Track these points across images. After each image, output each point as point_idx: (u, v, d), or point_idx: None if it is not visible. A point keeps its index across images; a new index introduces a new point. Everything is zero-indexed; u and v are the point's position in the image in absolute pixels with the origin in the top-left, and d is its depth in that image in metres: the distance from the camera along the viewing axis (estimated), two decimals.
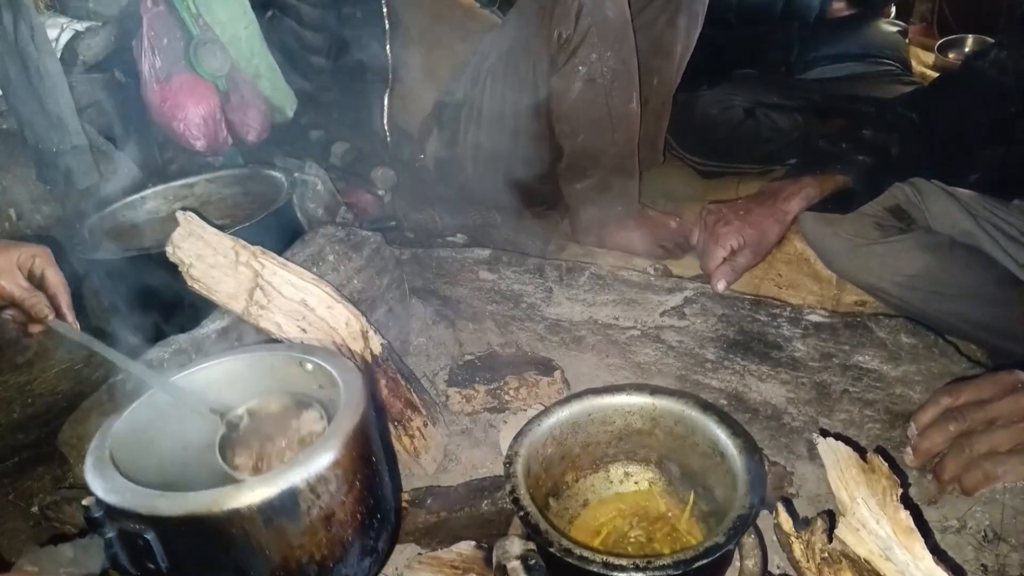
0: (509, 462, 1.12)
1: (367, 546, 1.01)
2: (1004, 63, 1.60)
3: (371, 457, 1.01)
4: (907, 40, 3.27)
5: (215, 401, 1.08)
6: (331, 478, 0.92)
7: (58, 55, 2.05)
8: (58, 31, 2.11)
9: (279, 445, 1.08)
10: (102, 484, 0.87)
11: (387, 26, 2.56)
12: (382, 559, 1.07)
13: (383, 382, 1.36)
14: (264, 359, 1.15)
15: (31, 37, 1.83)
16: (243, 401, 1.11)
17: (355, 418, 0.97)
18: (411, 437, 1.36)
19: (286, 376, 1.13)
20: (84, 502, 0.84)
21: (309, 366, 1.10)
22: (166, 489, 0.87)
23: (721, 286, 1.48)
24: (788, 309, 1.67)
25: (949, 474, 0.97)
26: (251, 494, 0.85)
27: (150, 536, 0.84)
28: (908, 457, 1.02)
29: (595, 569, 0.95)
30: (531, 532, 1.02)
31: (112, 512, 0.85)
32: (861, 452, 0.97)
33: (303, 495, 0.89)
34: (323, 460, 0.91)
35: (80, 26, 2.15)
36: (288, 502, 0.87)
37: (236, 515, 0.84)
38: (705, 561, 0.95)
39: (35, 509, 1.37)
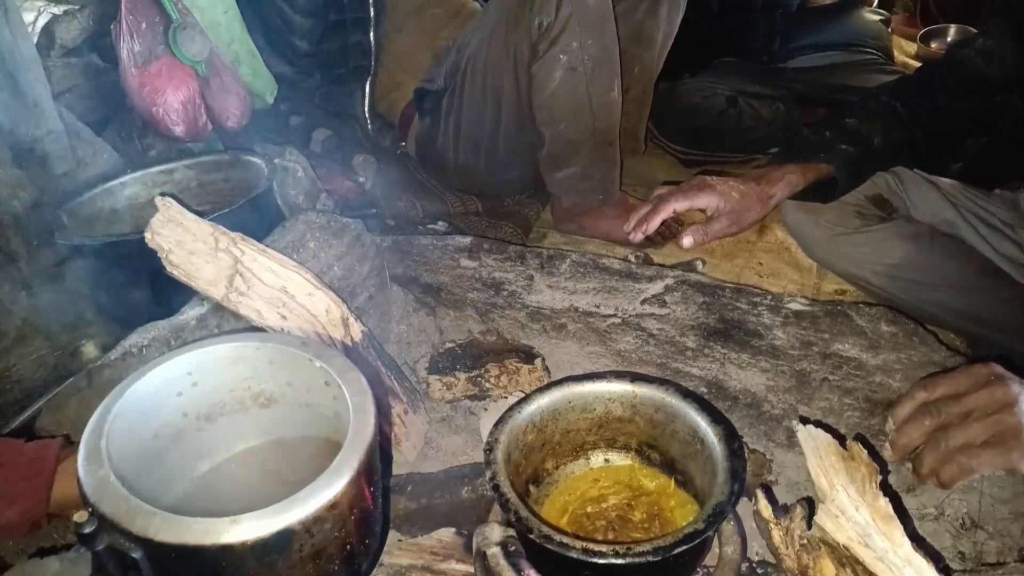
0: (489, 449, 1.11)
1: (352, 572, 0.99)
2: (989, 51, 1.60)
3: (370, 490, 0.97)
4: (890, 29, 3.28)
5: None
6: (327, 518, 0.88)
7: (35, 39, 2.02)
8: (35, 14, 2.09)
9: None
10: (96, 491, 0.84)
11: (371, 12, 2.55)
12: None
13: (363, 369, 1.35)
14: (278, 350, 1.11)
15: (6, 20, 1.80)
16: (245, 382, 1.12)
17: (360, 456, 0.92)
18: (391, 424, 1.36)
19: (294, 369, 1.11)
20: (76, 518, 0.82)
21: (324, 381, 1.07)
22: (144, 481, 0.86)
23: (687, 242, 1.46)
24: (769, 297, 1.67)
25: (926, 468, 0.97)
26: (246, 530, 0.82)
27: (139, 555, 0.82)
28: (886, 452, 1.02)
29: (575, 555, 0.95)
30: (511, 519, 1.02)
31: (104, 523, 0.82)
32: (841, 440, 0.97)
33: (297, 535, 0.86)
34: (321, 501, 0.87)
35: (57, 9, 2.13)
36: (282, 541, 0.85)
37: (228, 550, 0.82)
38: (684, 547, 0.95)
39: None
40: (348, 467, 0.90)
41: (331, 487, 0.88)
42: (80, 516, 0.81)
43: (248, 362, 1.12)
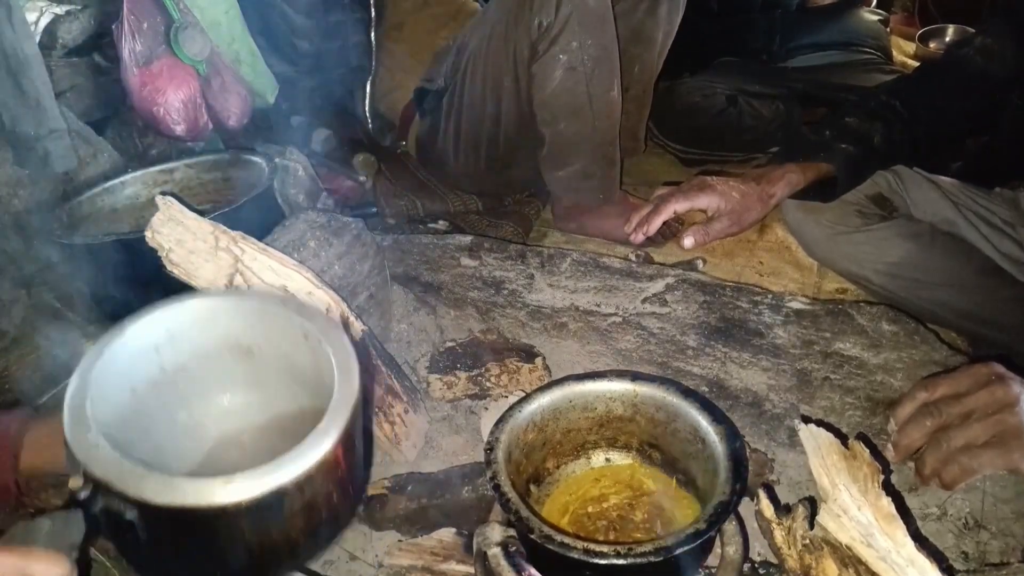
0: (490, 448, 1.11)
1: (337, 520, 1.00)
2: (989, 49, 1.60)
3: (355, 447, 0.98)
4: (888, 29, 3.28)
5: None
6: (318, 476, 0.90)
7: (37, 39, 2.02)
8: (37, 14, 2.09)
9: None
10: (88, 455, 0.84)
11: (372, 12, 2.55)
12: (345, 525, 1.05)
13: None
14: (257, 304, 1.11)
15: (8, 20, 1.80)
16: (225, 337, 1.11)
17: (348, 414, 0.93)
18: (392, 424, 1.35)
19: (272, 323, 1.10)
20: (71, 485, 0.82)
21: (303, 335, 1.06)
22: (125, 437, 0.87)
23: (688, 243, 1.46)
24: (769, 296, 1.67)
25: (929, 469, 0.97)
26: (239, 490, 0.83)
27: (133, 517, 0.82)
28: (889, 453, 1.02)
29: (576, 556, 0.95)
30: (512, 519, 1.02)
31: (98, 487, 0.83)
32: (843, 439, 0.97)
33: (289, 494, 0.87)
34: (313, 459, 0.88)
35: (59, 9, 2.13)
36: (274, 500, 0.86)
37: (222, 510, 0.83)
38: (686, 548, 0.95)
39: None
40: (336, 426, 0.91)
41: (321, 445, 0.89)
42: (74, 483, 0.82)
43: (226, 316, 1.10)
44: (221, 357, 1.12)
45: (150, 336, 1.06)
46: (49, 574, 0.75)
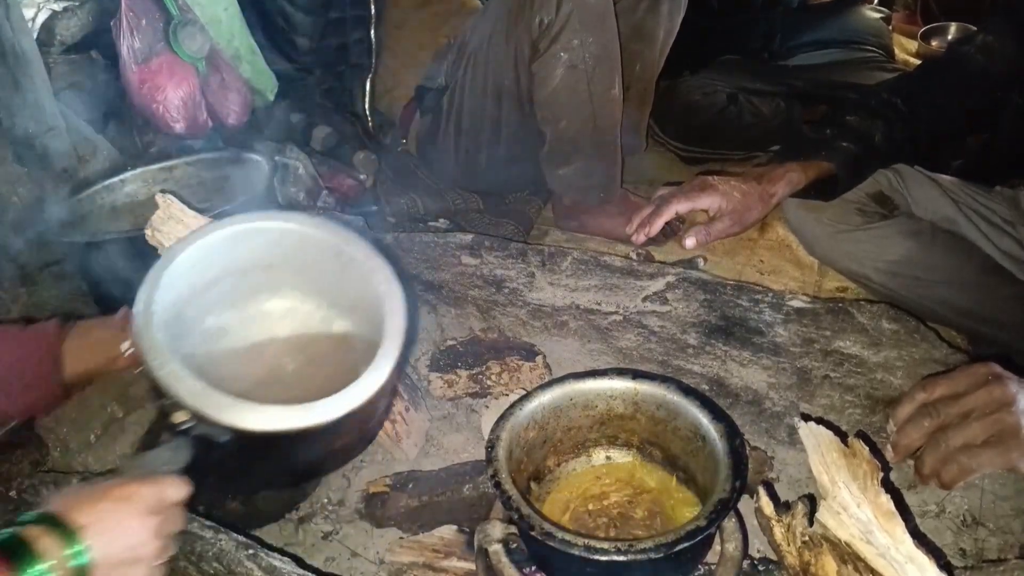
0: (491, 446, 1.11)
1: (366, 438, 1.20)
2: (990, 47, 1.60)
3: (400, 371, 1.15)
4: (890, 27, 3.28)
5: None
6: (376, 400, 1.05)
7: (35, 35, 2.02)
8: (35, 11, 2.08)
9: None
10: (188, 389, 0.95)
11: (372, 10, 2.54)
12: (370, 441, 1.26)
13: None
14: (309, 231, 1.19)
15: (6, 16, 1.80)
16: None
17: (399, 347, 1.08)
18: (393, 422, 1.36)
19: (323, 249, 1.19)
20: (177, 418, 0.96)
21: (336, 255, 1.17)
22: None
23: (690, 243, 1.46)
24: (770, 295, 1.67)
25: (928, 469, 0.97)
26: (317, 415, 0.98)
27: (225, 439, 0.96)
28: (888, 454, 1.02)
29: (576, 552, 0.95)
30: (513, 516, 1.02)
31: (198, 418, 0.96)
32: (842, 437, 0.97)
33: (353, 416, 1.02)
34: (375, 387, 1.03)
35: (57, 6, 2.13)
36: (342, 422, 1.01)
37: (301, 432, 0.98)
38: (686, 544, 0.95)
39: (13, 493, 1.35)
40: (392, 354, 1.07)
41: (382, 372, 1.05)
42: (179, 416, 0.95)
43: (257, 236, 1.17)
44: (247, 273, 1.20)
45: (194, 257, 1.14)
46: (178, 495, 0.91)
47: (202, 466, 0.98)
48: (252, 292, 1.23)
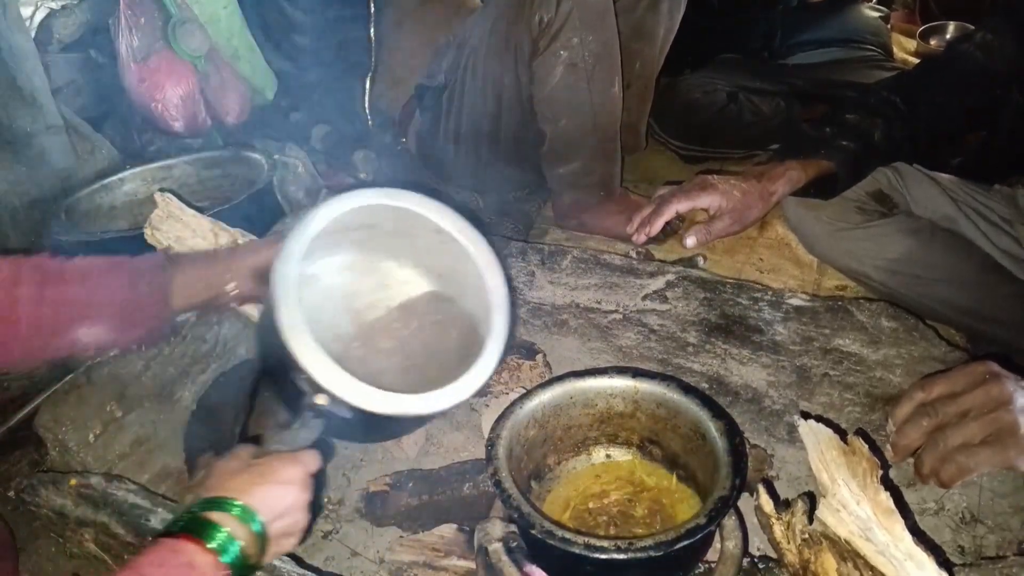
0: (491, 445, 1.11)
1: None
2: (989, 45, 1.60)
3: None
4: (889, 26, 3.28)
5: None
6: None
7: (32, 34, 2.02)
8: (32, 9, 2.08)
9: None
10: (324, 375, 1.00)
11: (371, 8, 2.54)
12: None
13: None
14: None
15: (4, 15, 1.80)
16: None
17: (503, 343, 1.15)
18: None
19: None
20: (318, 400, 1.01)
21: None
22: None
23: (690, 242, 1.47)
24: (769, 293, 1.67)
25: (927, 468, 0.97)
26: (436, 404, 1.06)
27: (350, 416, 1.02)
28: (888, 453, 1.03)
29: (576, 551, 0.95)
30: (513, 514, 1.02)
31: (337, 401, 1.01)
32: (842, 434, 0.97)
33: None
34: (480, 381, 1.10)
35: (55, 4, 2.13)
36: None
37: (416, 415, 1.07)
38: (686, 542, 0.95)
39: (11, 493, 1.36)
40: (495, 356, 1.13)
41: (488, 371, 1.11)
42: (321, 399, 1.01)
43: (365, 212, 1.18)
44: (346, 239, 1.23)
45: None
46: (316, 464, 1.01)
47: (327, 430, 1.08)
48: (369, 260, 1.28)
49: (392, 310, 1.28)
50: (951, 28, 3.52)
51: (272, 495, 0.93)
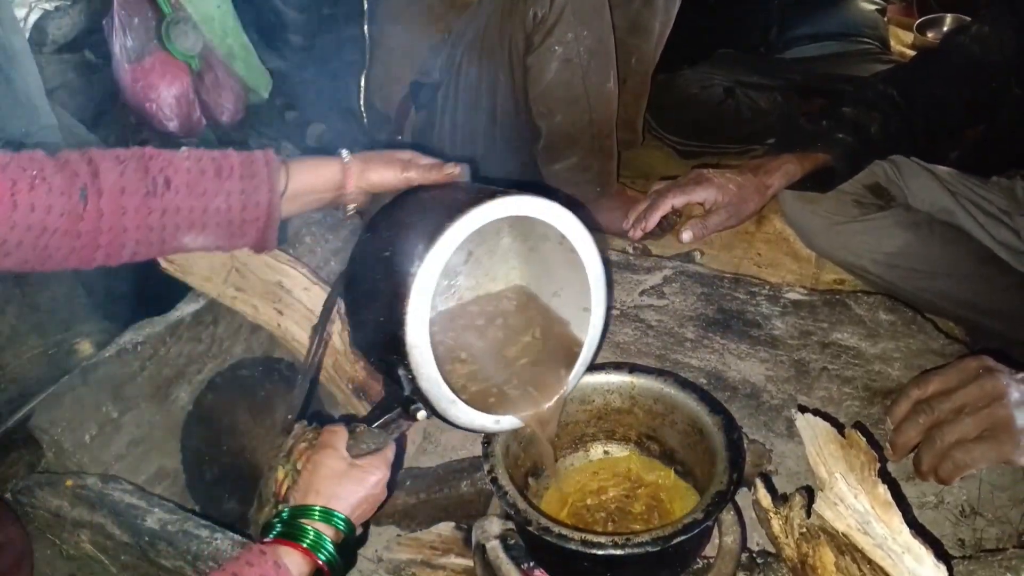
0: (488, 442, 1.11)
1: None
2: (985, 37, 1.60)
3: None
4: (886, 19, 3.27)
5: None
6: None
7: (26, 35, 2.02)
8: (26, 10, 2.08)
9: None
10: (444, 398, 1.02)
11: (365, 5, 2.53)
12: None
13: (360, 364, 1.35)
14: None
15: None
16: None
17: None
18: None
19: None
20: (417, 410, 1.05)
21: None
22: None
23: (686, 237, 1.46)
24: (767, 287, 1.67)
25: (925, 466, 0.97)
26: (508, 425, 1.09)
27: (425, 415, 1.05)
28: (888, 453, 1.02)
29: (574, 547, 0.95)
30: (510, 511, 1.01)
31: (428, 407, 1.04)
32: (840, 428, 0.97)
33: None
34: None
35: (49, 5, 2.12)
36: None
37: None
38: (684, 537, 0.95)
39: (8, 495, 1.35)
40: (584, 365, 1.15)
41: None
42: (421, 414, 1.05)
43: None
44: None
45: None
46: (394, 453, 1.08)
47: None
48: (487, 265, 1.28)
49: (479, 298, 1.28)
50: (948, 20, 3.51)
51: (366, 502, 1.03)
